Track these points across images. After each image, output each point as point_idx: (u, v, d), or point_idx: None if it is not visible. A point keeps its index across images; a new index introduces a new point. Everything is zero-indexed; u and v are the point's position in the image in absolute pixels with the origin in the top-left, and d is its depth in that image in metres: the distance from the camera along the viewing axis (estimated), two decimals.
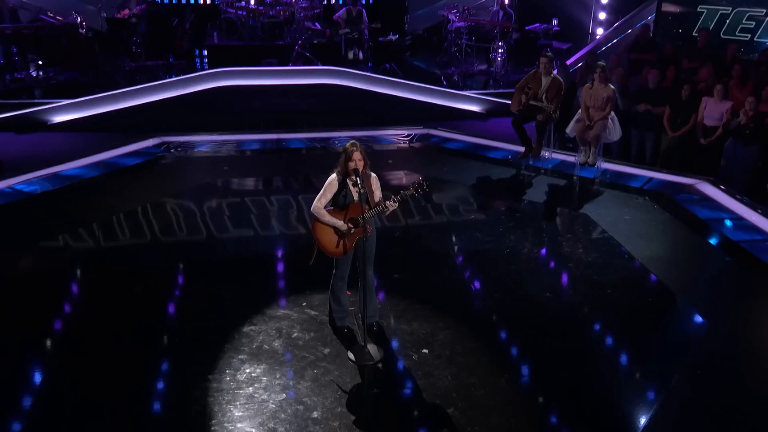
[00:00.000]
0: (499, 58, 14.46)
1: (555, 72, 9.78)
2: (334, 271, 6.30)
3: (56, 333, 6.44)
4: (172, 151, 10.79)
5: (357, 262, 6.22)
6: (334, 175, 6.06)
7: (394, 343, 6.29)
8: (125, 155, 10.34)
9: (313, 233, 6.12)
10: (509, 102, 12.70)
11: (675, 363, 6.11)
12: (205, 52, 14.59)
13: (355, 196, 5.98)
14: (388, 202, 5.90)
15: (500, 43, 14.44)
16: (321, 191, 6.05)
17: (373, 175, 6.13)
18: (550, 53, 9.74)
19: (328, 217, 6.02)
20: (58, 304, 6.84)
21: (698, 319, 6.82)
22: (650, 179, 9.81)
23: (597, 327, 6.68)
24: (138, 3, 14.14)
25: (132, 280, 7.27)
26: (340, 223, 6.00)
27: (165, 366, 5.99)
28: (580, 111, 9.89)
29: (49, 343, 6.30)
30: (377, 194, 6.09)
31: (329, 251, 6.12)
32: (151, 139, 10.84)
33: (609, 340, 6.49)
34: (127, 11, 14.02)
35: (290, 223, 8.74)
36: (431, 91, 13.16)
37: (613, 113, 9.66)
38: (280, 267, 7.68)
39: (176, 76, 13.03)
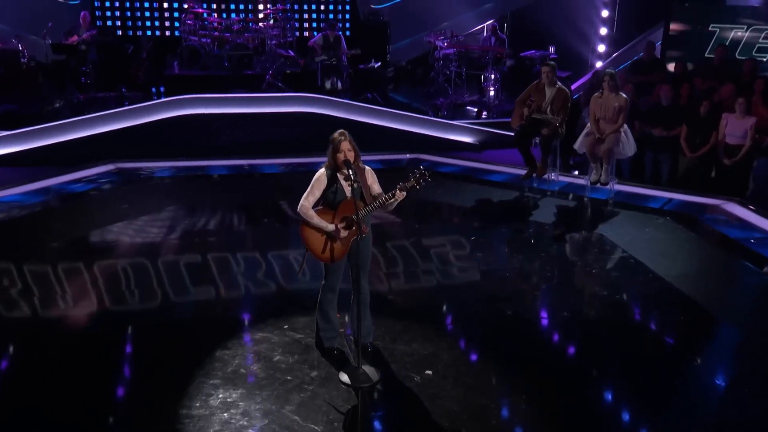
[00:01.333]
0: (491, 87, 14.68)
1: (559, 84, 9.86)
2: (323, 282, 6.16)
3: (12, 357, 6.32)
4: (128, 177, 10.82)
5: (351, 269, 6.08)
6: (322, 170, 5.97)
7: (393, 365, 6.12)
8: (72, 182, 10.24)
9: (301, 236, 6.00)
10: (505, 133, 12.96)
11: (717, 382, 6.06)
12: (165, 85, 14.58)
13: (348, 192, 5.89)
14: (385, 196, 5.80)
15: (493, 71, 14.68)
16: (308, 188, 5.95)
17: (368, 168, 6.04)
18: (552, 62, 9.84)
19: (316, 219, 5.90)
20: (13, 330, 6.73)
21: (738, 336, 6.80)
22: (670, 200, 9.90)
23: (624, 346, 6.58)
24: (88, 29, 14.21)
25: (92, 303, 7.17)
26: (329, 227, 5.89)
27: (125, 395, 5.82)
28: (589, 125, 9.96)
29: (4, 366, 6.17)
30: (374, 189, 5.97)
31: (320, 257, 5.99)
32: (103, 165, 10.73)
33: (638, 358, 6.37)
34: (76, 37, 14.07)
35: (262, 243, 8.77)
36: (419, 120, 13.28)
37: (626, 126, 9.74)
38: (256, 287, 7.59)
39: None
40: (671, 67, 13.13)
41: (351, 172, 5.76)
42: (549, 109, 9.67)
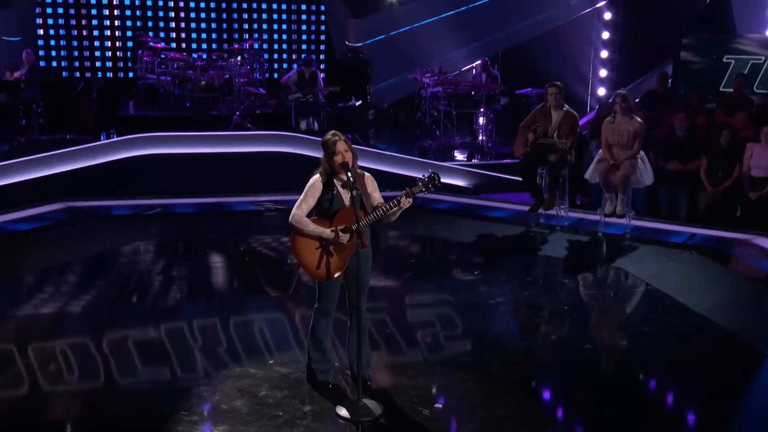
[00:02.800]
0: (484, 129, 14.86)
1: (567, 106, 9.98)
2: (315, 305, 6.07)
3: None
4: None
5: (349, 291, 6.02)
6: (316, 176, 5.94)
7: (397, 399, 6.01)
8: (17, 221, 10.23)
9: (293, 250, 5.94)
10: (503, 176, 13.08)
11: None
12: (117, 127, 14.50)
13: (346, 200, 5.86)
14: (388, 204, 5.78)
15: (486, 110, 14.88)
16: (301, 196, 5.91)
17: (367, 174, 6.06)
18: (559, 83, 9.97)
19: (312, 226, 5.85)
20: None
21: None
22: (694, 234, 9.99)
23: (656, 377, 6.63)
24: (29, 62, 14.19)
25: (59, 334, 7.18)
26: (327, 231, 5.84)
27: None
28: (600, 151, 10.07)
29: None
30: (375, 196, 5.96)
31: (314, 273, 5.92)
32: (53, 204, 10.75)
33: (674, 390, 6.41)
34: (16, 73, 14.08)
35: (238, 276, 8.94)
36: (405, 161, 13.37)
37: (642, 152, 9.85)
38: (234, 320, 7.57)
39: None
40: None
41: (349, 177, 5.75)
42: (556, 134, 9.75)
